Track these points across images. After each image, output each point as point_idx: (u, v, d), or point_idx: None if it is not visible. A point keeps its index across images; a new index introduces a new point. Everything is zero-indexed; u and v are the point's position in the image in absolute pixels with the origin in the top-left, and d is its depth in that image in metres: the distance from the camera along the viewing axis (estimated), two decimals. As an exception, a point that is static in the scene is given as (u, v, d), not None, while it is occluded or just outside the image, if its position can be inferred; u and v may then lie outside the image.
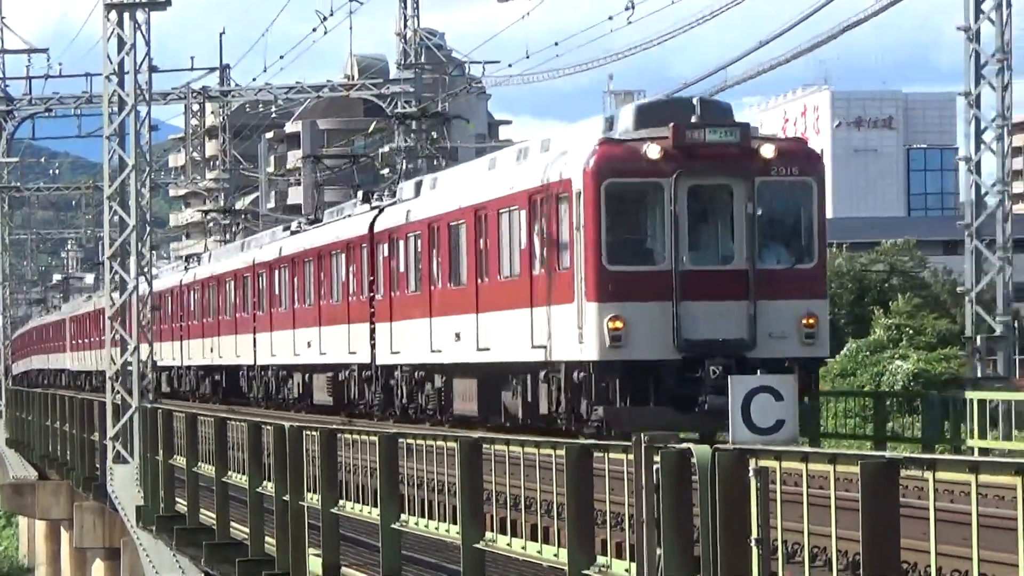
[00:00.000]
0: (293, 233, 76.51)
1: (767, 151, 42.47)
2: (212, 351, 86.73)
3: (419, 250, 54.37)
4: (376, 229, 58.81)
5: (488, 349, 49.05)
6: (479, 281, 49.69)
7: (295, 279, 70.96)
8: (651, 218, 43.34)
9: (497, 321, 48.35)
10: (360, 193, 67.91)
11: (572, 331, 42.36)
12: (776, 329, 42.39)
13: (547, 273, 44.64)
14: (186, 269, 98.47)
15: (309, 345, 67.36)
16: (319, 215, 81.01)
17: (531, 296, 45.55)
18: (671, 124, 41.79)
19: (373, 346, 58.24)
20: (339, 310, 63.53)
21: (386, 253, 57.47)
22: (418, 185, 58.91)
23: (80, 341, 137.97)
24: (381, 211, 59.77)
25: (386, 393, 58.17)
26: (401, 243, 56.12)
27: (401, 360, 56.52)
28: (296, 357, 70.28)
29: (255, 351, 76.94)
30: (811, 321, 42.68)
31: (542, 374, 44.75)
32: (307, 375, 69.43)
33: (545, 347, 44.28)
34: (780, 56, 64.32)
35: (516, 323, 46.44)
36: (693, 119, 42.40)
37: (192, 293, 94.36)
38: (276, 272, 74.64)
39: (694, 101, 43.92)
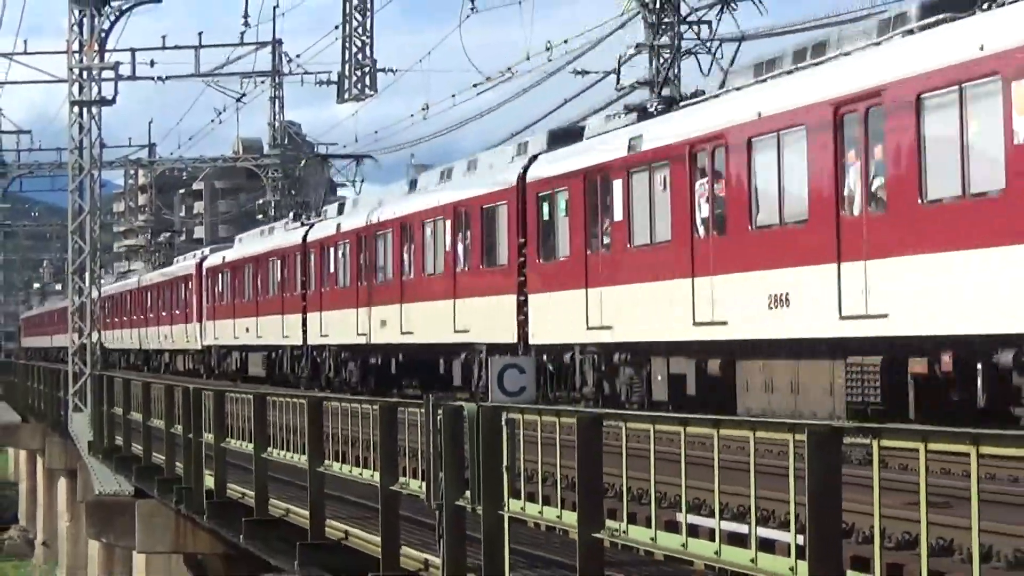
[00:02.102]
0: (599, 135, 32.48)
1: None
2: (384, 325, 43.50)
3: None
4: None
5: None
6: None
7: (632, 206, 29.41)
8: None
9: None
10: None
11: None
12: None
13: None
14: (308, 226, 53.71)
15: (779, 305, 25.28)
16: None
17: None
18: None
19: None
20: (812, 239, 23.76)
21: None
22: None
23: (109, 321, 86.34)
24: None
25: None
26: None
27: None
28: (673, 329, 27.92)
29: (526, 323, 33.73)
30: None
31: None
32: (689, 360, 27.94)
33: None
34: None
35: None
36: None
37: (332, 251, 49.51)
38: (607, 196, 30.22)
39: None
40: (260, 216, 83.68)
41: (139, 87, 54.94)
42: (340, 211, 52.39)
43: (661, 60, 40.65)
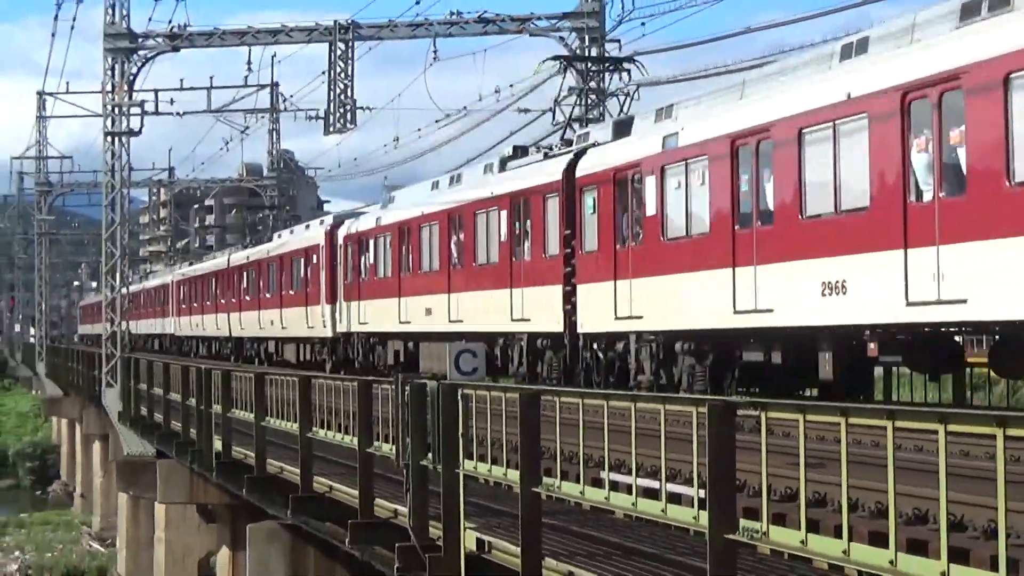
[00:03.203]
0: None
1: None
2: (838, 291, 18.52)
3: None
4: None
5: None
6: None
7: None
8: None
9: None
10: None
11: None
12: None
13: None
14: (571, 154, 28.18)
15: None
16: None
17: None
18: None
19: None
20: None
21: None
22: None
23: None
24: None
25: None
26: None
27: None
28: None
29: None
30: None
31: None
32: None
33: None
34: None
35: None
36: None
37: (654, 183, 23.82)
38: None
39: None
40: (259, 228, 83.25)
41: (161, 121, 54.53)
42: (619, 133, 26.96)
43: (589, 100, 40.64)
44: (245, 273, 58.63)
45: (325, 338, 45.33)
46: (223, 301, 62.45)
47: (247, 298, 57.36)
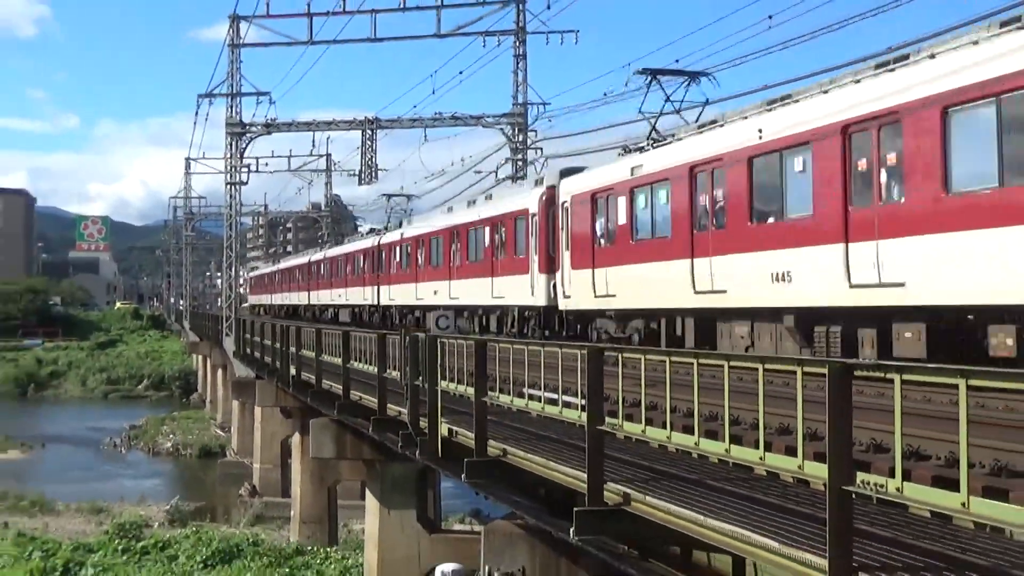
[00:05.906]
0: None
1: None
2: None
3: None
4: None
5: None
6: None
7: None
8: None
9: None
10: None
11: None
12: None
13: None
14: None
15: None
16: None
17: None
18: None
19: None
20: None
21: None
22: None
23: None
24: None
25: None
26: None
27: None
28: None
29: None
30: None
31: None
32: None
33: None
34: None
35: None
36: None
37: None
38: None
39: None
40: (320, 241, 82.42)
41: (260, 176, 54.10)
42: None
43: (518, 166, 40.51)
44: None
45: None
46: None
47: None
